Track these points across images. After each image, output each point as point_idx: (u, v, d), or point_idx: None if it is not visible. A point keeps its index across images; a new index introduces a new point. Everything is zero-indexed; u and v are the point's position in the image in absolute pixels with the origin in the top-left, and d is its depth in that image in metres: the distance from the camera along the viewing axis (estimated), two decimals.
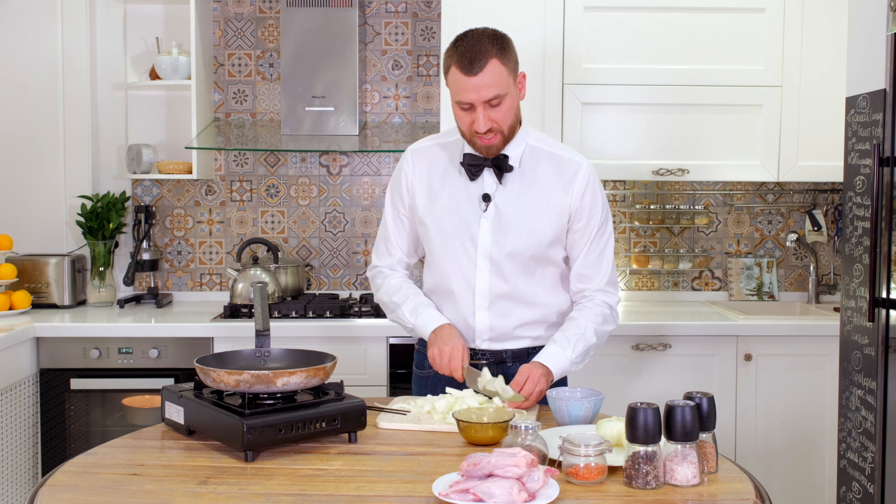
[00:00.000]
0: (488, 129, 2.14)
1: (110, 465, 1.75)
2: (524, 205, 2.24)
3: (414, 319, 2.29)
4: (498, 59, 2.11)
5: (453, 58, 2.14)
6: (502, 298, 2.26)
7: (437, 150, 2.33)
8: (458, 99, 2.14)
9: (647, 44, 3.42)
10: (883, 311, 2.50)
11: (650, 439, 1.60)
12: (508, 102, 2.15)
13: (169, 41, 3.78)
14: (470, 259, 2.25)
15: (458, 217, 2.25)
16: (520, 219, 2.23)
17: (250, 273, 3.43)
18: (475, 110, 2.13)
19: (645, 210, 3.81)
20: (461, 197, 2.26)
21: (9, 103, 3.65)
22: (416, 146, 2.37)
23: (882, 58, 2.49)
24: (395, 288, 2.35)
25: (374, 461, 1.76)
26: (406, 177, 2.33)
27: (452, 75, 2.14)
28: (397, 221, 2.38)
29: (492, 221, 2.23)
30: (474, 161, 2.23)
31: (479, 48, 2.11)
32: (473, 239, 2.24)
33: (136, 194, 3.86)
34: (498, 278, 2.25)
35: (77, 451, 3.13)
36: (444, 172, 2.29)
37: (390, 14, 3.83)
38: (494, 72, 2.10)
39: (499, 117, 2.15)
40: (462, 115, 2.17)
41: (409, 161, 2.34)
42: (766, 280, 3.82)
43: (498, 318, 2.27)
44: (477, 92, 2.10)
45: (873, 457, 2.54)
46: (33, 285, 3.55)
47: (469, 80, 2.10)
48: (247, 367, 1.96)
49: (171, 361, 3.21)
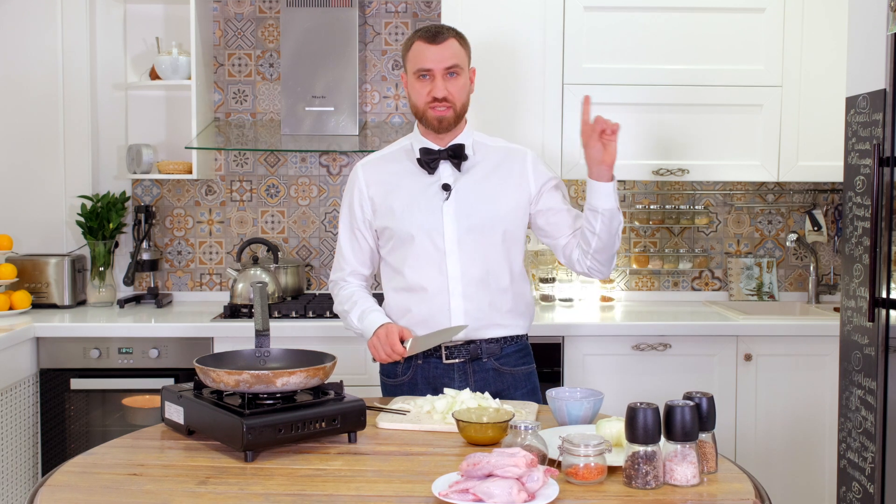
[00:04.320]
0: (444, 98, 2.27)
1: (110, 465, 1.75)
2: (484, 186, 2.35)
3: (360, 324, 2.36)
4: (456, 39, 2.31)
5: (416, 34, 2.31)
6: (474, 283, 2.32)
7: (386, 161, 2.44)
8: (419, 66, 2.28)
9: (647, 44, 3.42)
10: (883, 311, 2.50)
11: (650, 439, 1.60)
12: (463, 80, 2.31)
13: (169, 41, 3.78)
14: (438, 249, 2.31)
15: (420, 212, 2.33)
16: (481, 197, 2.34)
17: (250, 273, 3.43)
18: (434, 79, 2.28)
19: (645, 210, 3.81)
20: (419, 194, 2.35)
21: (9, 103, 3.65)
22: (364, 161, 2.47)
23: (882, 58, 2.49)
24: (346, 297, 2.43)
25: (374, 461, 1.76)
26: (360, 191, 2.42)
27: (415, 48, 2.30)
28: (350, 236, 2.45)
29: (454, 208, 2.32)
30: (430, 155, 2.34)
31: (441, 27, 2.32)
32: (439, 229, 2.32)
33: (136, 194, 3.86)
34: (468, 260, 2.32)
35: (77, 451, 3.13)
36: (398, 177, 2.39)
37: (390, 14, 3.83)
38: (454, 46, 2.29)
39: (454, 90, 2.29)
40: (419, 86, 2.30)
41: (360, 175, 2.43)
42: (766, 280, 3.82)
43: (472, 304, 2.32)
44: (438, 58, 2.27)
45: (873, 457, 2.54)
46: (33, 285, 3.56)
47: (431, 48, 2.27)
48: (246, 367, 1.96)
49: (171, 361, 3.21)
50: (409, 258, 2.34)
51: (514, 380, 2.40)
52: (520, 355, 2.42)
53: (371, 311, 2.36)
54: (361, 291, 2.44)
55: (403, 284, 2.36)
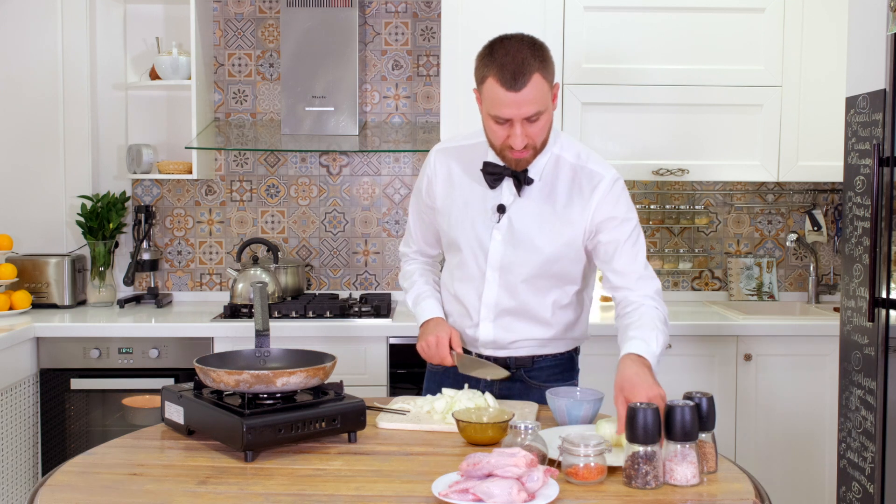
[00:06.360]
0: (524, 146, 2.02)
1: (110, 465, 1.75)
2: (539, 219, 2.13)
3: (414, 308, 2.34)
4: (540, 73, 1.96)
5: (491, 68, 1.97)
6: (509, 314, 2.19)
7: (461, 152, 2.23)
8: (496, 113, 1.99)
9: (647, 44, 3.42)
10: (883, 311, 2.50)
11: (650, 439, 1.60)
12: (546, 118, 2.02)
13: (169, 41, 3.78)
14: (480, 269, 2.18)
15: (471, 225, 2.18)
16: (533, 233, 2.13)
17: (250, 273, 3.43)
18: (512, 126, 1.99)
19: (645, 210, 3.82)
20: (476, 205, 2.18)
21: (9, 103, 3.65)
22: (441, 146, 2.29)
23: (882, 58, 2.49)
24: (409, 273, 2.41)
25: (374, 461, 1.76)
26: (428, 178, 2.27)
27: (490, 87, 1.97)
28: (417, 217, 2.38)
29: (504, 234, 2.14)
30: (494, 170, 2.12)
31: (521, 60, 1.94)
32: (485, 249, 2.16)
33: (136, 194, 3.86)
34: (506, 293, 2.17)
35: (77, 451, 3.13)
36: (462, 177, 2.21)
37: (390, 14, 3.83)
38: (536, 87, 1.95)
39: (535, 133, 2.02)
40: (496, 129, 2.03)
41: (432, 162, 2.26)
42: (766, 280, 3.82)
43: (502, 332, 2.20)
44: (517, 108, 1.96)
45: (873, 457, 2.54)
46: (33, 285, 3.56)
47: (509, 96, 1.95)
48: (246, 367, 1.96)
49: (171, 361, 3.21)
50: (455, 264, 2.24)
51: (542, 396, 2.20)
52: (556, 370, 2.25)
53: (425, 297, 2.30)
54: (422, 271, 2.38)
55: (449, 283, 2.29)
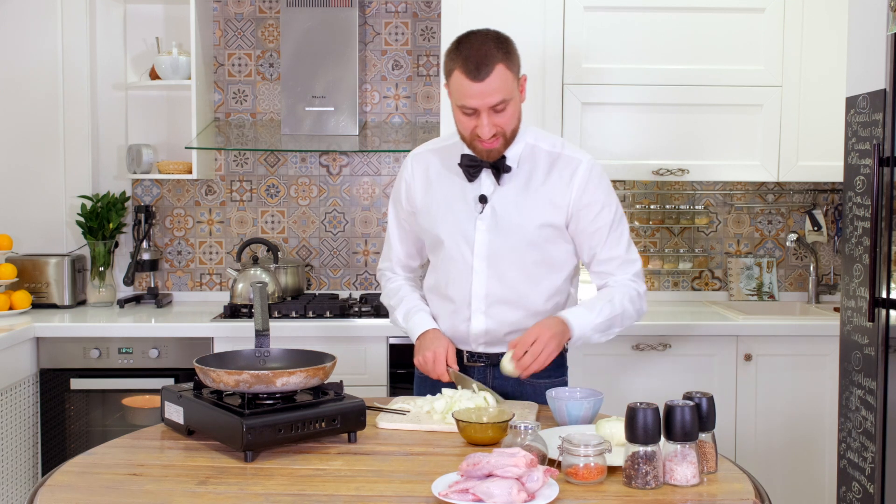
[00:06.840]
0: (492, 135, 2.09)
1: (110, 465, 1.75)
2: (521, 204, 2.18)
3: (405, 324, 2.31)
4: (503, 63, 2.04)
5: (456, 61, 2.06)
6: (500, 303, 2.21)
7: (435, 155, 2.30)
8: (462, 104, 2.07)
9: (647, 44, 3.42)
10: (883, 311, 2.50)
11: (650, 439, 1.60)
12: (512, 107, 2.09)
13: (169, 41, 3.78)
14: (466, 262, 2.21)
15: (454, 220, 2.21)
16: (517, 218, 2.18)
17: (250, 273, 3.43)
18: (479, 115, 2.07)
19: (645, 210, 3.81)
20: (457, 199, 2.22)
21: (9, 103, 3.65)
22: (416, 151, 2.35)
23: (882, 58, 2.49)
24: (394, 291, 2.37)
25: (374, 461, 1.76)
26: (406, 183, 2.32)
27: (456, 80, 2.06)
28: (398, 226, 2.38)
29: (488, 223, 2.19)
30: (472, 162, 2.18)
31: (485, 52, 2.03)
32: (469, 241, 2.20)
33: (136, 194, 3.86)
34: (496, 281, 2.20)
35: (77, 451, 3.13)
36: (440, 176, 2.26)
37: (390, 14, 3.83)
38: (500, 77, 2.04)
39: (503, 122, 2.09)
40: (464, 120, 2.11)
41: (408, 167, 2.33)
42: (766, 280, 3.82)
43: (495, 324, 2.22)
44: (482, 98, 2.04)
45: (873, 457, 2.54)
46: (33, 285, 3.56)
47: (474, 86, 2.03)
48: (246, 367, 1.96)
49: (171, 361, 3.21)
50: (441, 262, 2.26)
51: (535, 391, 2.24)
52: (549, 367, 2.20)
53: (416, 311, 2.29)
54: (408, 286, 2.37)
55: (435, 285, 2.29)
